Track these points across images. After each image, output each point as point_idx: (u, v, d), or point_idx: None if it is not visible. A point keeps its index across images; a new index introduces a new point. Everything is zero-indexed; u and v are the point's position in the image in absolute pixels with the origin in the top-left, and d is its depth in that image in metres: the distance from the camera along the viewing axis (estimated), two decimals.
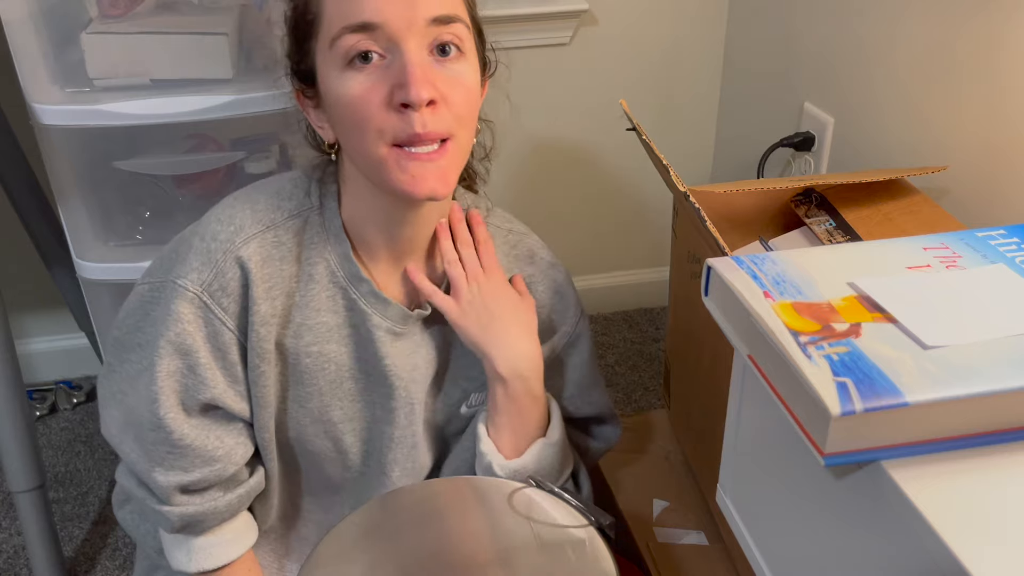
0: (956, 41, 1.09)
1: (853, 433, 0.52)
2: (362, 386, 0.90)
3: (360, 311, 0.87)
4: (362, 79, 0.75)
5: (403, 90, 0.73)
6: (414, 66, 0.73)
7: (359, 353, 0.89)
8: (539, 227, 2.00)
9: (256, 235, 0.83)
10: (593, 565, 0.75)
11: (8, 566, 1.42)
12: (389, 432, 0.92)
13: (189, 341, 0.81)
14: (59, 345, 1.78)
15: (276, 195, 0.85)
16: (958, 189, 1.11)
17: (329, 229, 0.85)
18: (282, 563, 1.01)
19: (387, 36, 0.74)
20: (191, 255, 0.82)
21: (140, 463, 0.85)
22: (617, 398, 1.76)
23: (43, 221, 1.43)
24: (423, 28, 0.74)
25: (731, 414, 0.75)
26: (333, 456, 0.93)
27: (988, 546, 0.47)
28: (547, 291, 0.97)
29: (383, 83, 0.75)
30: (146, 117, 1.16)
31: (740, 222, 1.12)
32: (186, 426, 0.83)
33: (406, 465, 0.94)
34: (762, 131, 1.62)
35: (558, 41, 1.68)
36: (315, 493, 0.98)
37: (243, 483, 0.89)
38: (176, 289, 0.81)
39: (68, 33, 1.16)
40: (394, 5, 0.73)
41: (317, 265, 0.85)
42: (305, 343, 0.86)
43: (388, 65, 0.75)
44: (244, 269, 0.81)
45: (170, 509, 0.85)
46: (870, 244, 0.71)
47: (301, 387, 0.88)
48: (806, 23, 1.43)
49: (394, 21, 0.73)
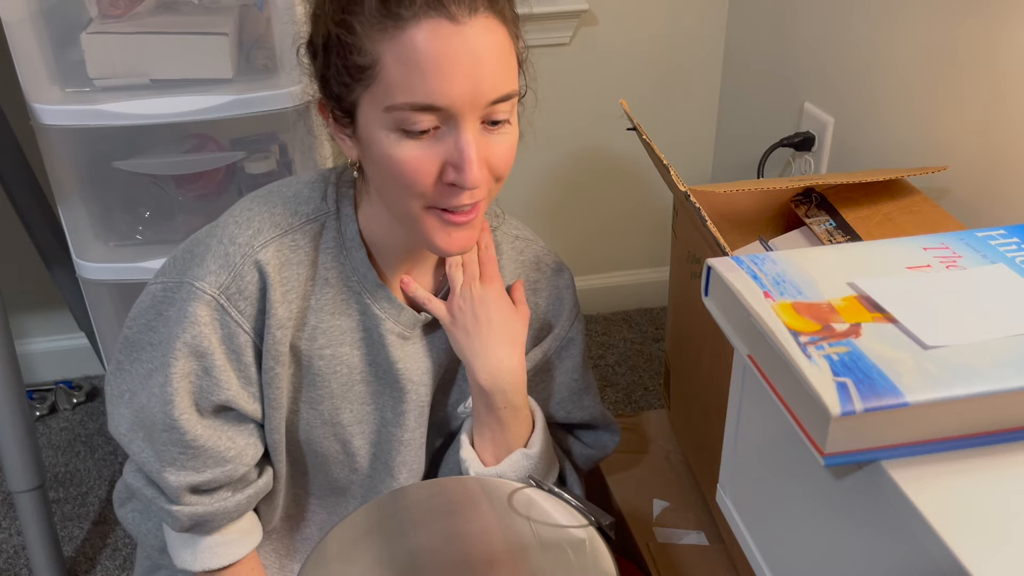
0: (956, 41, 1.09)
1: (853, 433, 0.52)
2: (373, 389, 0.91)
3: (373, 315, 0.87)
4: (414, 147, 0.73)
5: (459, 174, 0.73)
6: (470, 149, 0.73)
7: (371, 356, 0.89)
8: (539, 227, 2.00)
9: (274, 239, 0.83)
10: (593, 565, 0.75)
11: (8, 566, 1.42)
12: (398, 435, 0.92)
13: (205, 344, 0.81)
14: (59, 345, 1.78)
15: (294, 199, 0.85)
16: (958, 189, 1.11)
17: (345, 234, 0.86)
18: (284, 563, 1.01)
19: (448, 115, 0.72)
20: (209, 257, 0.82)
21: (151, 463, 0.85)
22: (617, 398, 1.76)
23: (43, 221, 1.43)
24: (483, 110, 0.73)
25: (731, 414, 0.75)
26: (341, 458, 0.93)
27: (988, 546, 0.47)
28: (548, 296, 0.98)
29: (436, 156, 0.74)
30: (146, 117, 1.16)
31: (740, 222, 1.12)
32: (199, 427, 0.83)
33: (413, 467, 0.95)
34: (762, 131, 1.62)
35: (558, 41, 1.68)
36: (320, 495, 0.98)
37: (252, 483, 0.89)
38: (193, 291, 0.81)
39: (68, 33, 1.17)
40: (462, 89, 0.71)
41: (332, 270, 0.86)
42: (319, 346, 0.87)
43: (442, 137, 0.73)
44: (262, 273, 0.82)
45: (180, 509, 0.85)
46: (870, 244, 0.71)
47: (313, 389, 0.88)
48: (806, 23, 1.43)
49: (458, 105, 0.71)
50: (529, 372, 0.96)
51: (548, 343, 0.98)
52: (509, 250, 0.96)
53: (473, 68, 0.71)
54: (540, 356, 0.97)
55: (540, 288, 0.97)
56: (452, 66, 0.70)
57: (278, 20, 1.18)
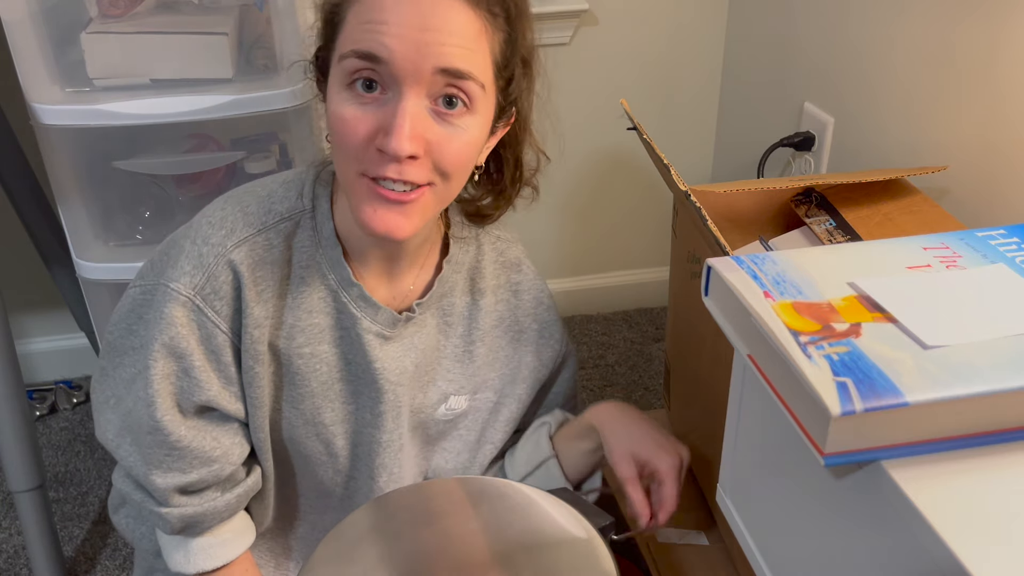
0: (956, 41, 1.09)
1: (853, 433, 0.52)
2: (352, 388, 0.90)
3: (350, 314, 0.87)
4: (356, 106, 0.74)
5: (387, 138, 0.72)
6: (404, 117, 0.72)
7: (349, 356, 0.89)
8: (539, 227, 2.00)
9: (247, 239, 0.82)
10: (593, 565, 0.75)
11: (8, 566, 1.42)
12: (377, 436, 0.92)
13: (183, 344, 0.81)
14: (59, 345, 1.78)
15: (268, 198, 0.85)
16: (958, 189, 1.11)
17: (321, 232, 0.85)
18: (279, 562, 1.01)
19: (391, 73, 0.72)
20: (182, 258, 0.82)
21: (138, 466, 0.85)
22: (617, 398, 1.75)
23: (43, 221, 1.43)
24: (429, 77, 0.72)
25: (731, 414, 0.75)
26: (324, 459, 0.93)
27: (988, 546, 0.47)
28: (532, 300, 1.00)
29: (373, 118, 0.73)
30: (146, 117, 1.16)
31: (740, 222, 1.12)
32: (183, 427, 0.84)
33: (393, 470, 0.94)
34: (762, 131, 1.62)
35: (558, 41, 1.68)
36: (308, 496, 0.98)
37: (240, 483, 0.89)
38: (168, 292, 0.81)
39: (68, 33, 1.17)
40: (405, 45, 0.71)
41: (308, 268, 0.85)
42: (297, 344, 0.86)
43: (385, 102, 0.73)
44: (236, 272, 0.81)
45: (169, 511, 0.85)
46: (870, 244, 0.71)
47: (294, 388, 0.88)
48: (806, 23, 1.43)
49: (400, 62, 0.71)
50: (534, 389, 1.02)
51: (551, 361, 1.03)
52: (490, 250, 0.97)
53: (421, 31, 0.71)
54: (545, 375, 1.02)
55: (522, 290, 0.99)
56: (399, 18, 0.71)
57: (278, 20, 1.18)
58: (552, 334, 1.01)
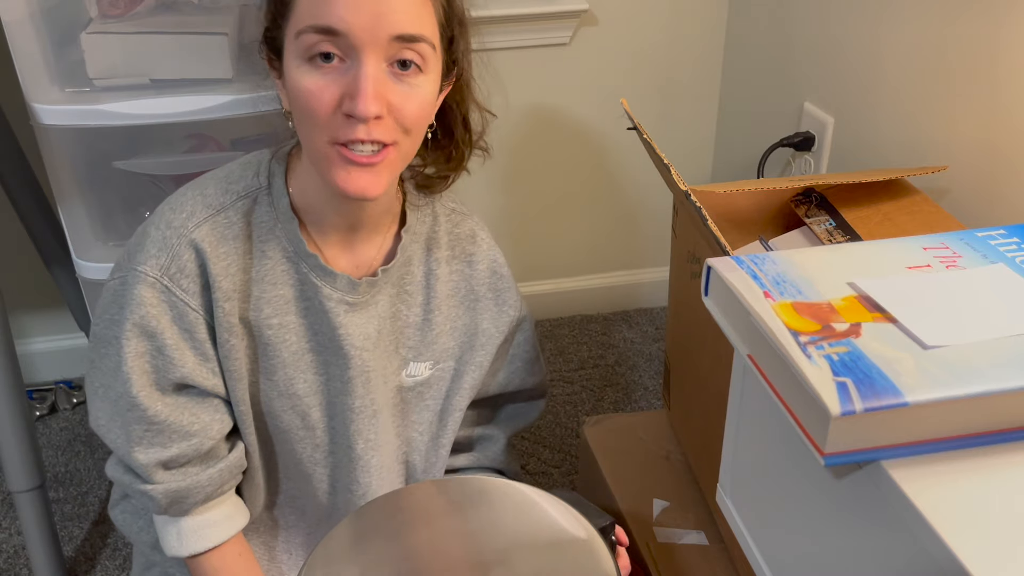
0: (955, 41, 1.09)
1: (853, 433, 0.52)
2: (322, 359, 0.93)
3: (312, 284, 0.90)
4: (318, 77, 0.78)
5: (353, 102, 0.76)
6: (367, 81, 0.76)
7: (316, 326, 0.92)
8: (539, 227, 2.00)
9: (208, 219, 0.86)
10: (593, 565, 0.75)
11: (8, 566, 1.42)
12: (349, 403, 0.94)
13: (153, 323, 0.85)
14: (59, 345, 1.78)
15: (225, 179, 0.89)
16: (958, 189, 1.11)
17: (278, 207, 0.89)
18: (272, 554, 1.03)
19: (349, 44, 0.76)
20: (148, 243, 0.86)
21: (123, 446, 0.89)
22: (617, 398, 1.76)
23: (43, 221, 1.43)
24: (385, 43, 0.76)
25: (731, 414, 0.75)
26: (302, 434, 0.95)
27: (988, 546, 0.47)
28: (486, 270, 1.02)
29: (337, 86, 0.77)
30: (146, 117, 1.16)
31: (740, 222, 1.12)
32: (159, 404, 0.87)
33: (369, 436, 0.96)
34: (762, 131, 1.62)
35: (558, 41, 1.68)
36: (292, 477, 0.99)
37: (223, 458, 0.92)
38: (137, 275, 0.85)
39: (68, 33, 1.16)
40: (360, 17, 0.75)
41: (268, 242, 0.89)
42: (265, 316, 0.90)
43: (346, 70, 0.77)
44: (199, 250, 0.85)
45: (153, 487, 0.88)
46: (870, 244, 0.71)
47: (267, 360, 0.91)
48: (806, 23, 1.43)
49: (358, 32, 0.75)
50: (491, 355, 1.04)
51: (507, 327, 1.04)
52: (445, 222, 1.00)
53: (374, 1, 0.75)
54: (500, 340, 1.04)
55: (476, 260, 1.01)
56: None
57: None
58: (507, 301, 1.04)
